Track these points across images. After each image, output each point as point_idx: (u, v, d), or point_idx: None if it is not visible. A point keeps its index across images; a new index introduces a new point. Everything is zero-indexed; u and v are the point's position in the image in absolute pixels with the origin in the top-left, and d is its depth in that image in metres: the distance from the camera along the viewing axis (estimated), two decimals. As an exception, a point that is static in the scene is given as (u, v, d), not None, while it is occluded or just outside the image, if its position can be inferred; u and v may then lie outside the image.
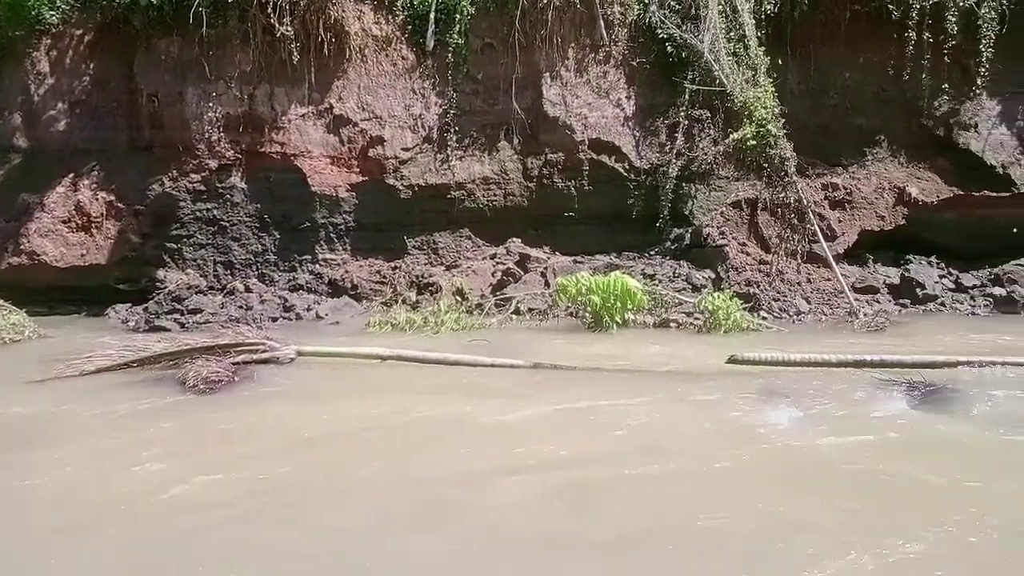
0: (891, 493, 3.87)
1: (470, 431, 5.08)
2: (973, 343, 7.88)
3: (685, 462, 4.35)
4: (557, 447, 4.62)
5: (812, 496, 3.84)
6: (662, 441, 4.72)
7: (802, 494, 3.87)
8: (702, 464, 4.31)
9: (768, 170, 10.61)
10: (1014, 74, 11.62)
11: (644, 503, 3.78)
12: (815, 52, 11.71)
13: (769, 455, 4.49)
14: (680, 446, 4.61)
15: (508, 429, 5.08)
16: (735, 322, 8.72)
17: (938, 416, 5.20)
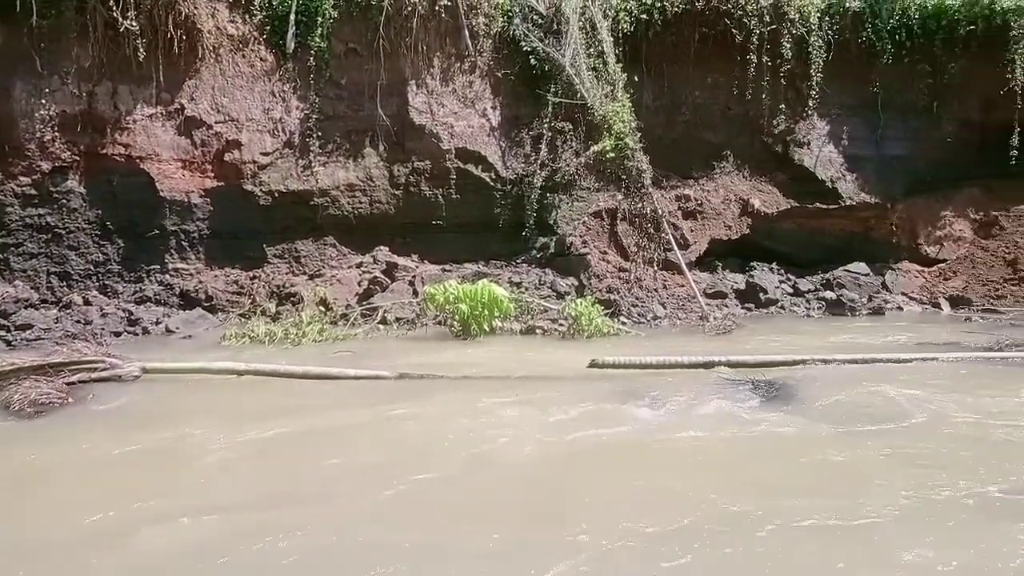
0: (734, 482, 4.13)
1: (314, 443, 4.90)
2: (808, 343, 8.58)
3: (536, 462, 4.43)
4: (398, 457, 4.57)
5: (671, 492, 4.02)
6: (515, 443, 4.77)
7: (659, 487, 4.04)
8: (555, 462, 4.41)
9: (626, 181, 11.11)
10: (840, 97, 12.85)
11: (470, 505, 3.81)
12: (668, 70, 12.40)
13: (627, 451, 4.66)
14: (534, 449, 4.68)
15: (345, 440, 4.95)
16: (597, 327, 9.01)
17: (778, 411, 5.61)
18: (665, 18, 11.71)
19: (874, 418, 5.37)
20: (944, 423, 5.24)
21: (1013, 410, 5.61)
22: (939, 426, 5.17)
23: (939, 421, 5.27)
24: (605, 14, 11.62)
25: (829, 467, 4.42)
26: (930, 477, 4.15)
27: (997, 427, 5.17)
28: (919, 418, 5.33)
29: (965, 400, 5.88)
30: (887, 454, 4.64)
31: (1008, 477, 4.10)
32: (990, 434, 5.03)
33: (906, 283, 12.53)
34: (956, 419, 5.35)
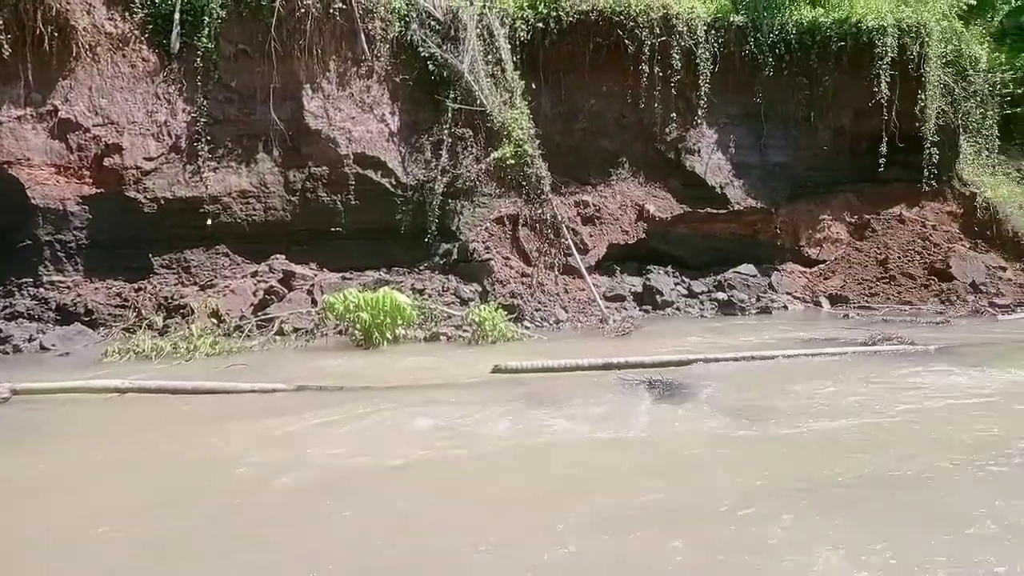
0: (635, 479, 4.23)
1: (182, 461, 4.67)
2: (702, 342, 8.94)
3: (437, 470, 4.39)
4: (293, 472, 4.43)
5: (579, 496, 4.07)
6: (413, 451, 4.72)
7: (567, 489, 4.08)
8: (456, 469, 4.38)
9: (527, 188, 11.25)
10: (727, 107, 13.49)
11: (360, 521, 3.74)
12: (565, 78, 12.65)
13: (529, 454, 4.69)
14: (431, 456, 4.64)
15: (226, 457, 4.75)
16: (501, 332, 9.05)
17: (673, 409, 5.79)
18: (561, 27, 11.96)
19: (764, 412, 5.64)
20: (824, 414, 5.57)
21: (886, 400, 6.03)
22: (820, 417, 5.48)
23: (819, 412, 5.59)
24: (502, 22, 11.74)
25: (720, 460, 4.60)
26: (807, 466, 4.38)
27: (870, 417, 5.53)
28: (804, 410, 5.64)
29: (845, 391, 6.28)
30: (775, 446, 4.88)
31: (863, 468, 4.38)
32: (865, 424, 5.38)
33: (790, 283, 13.28)
34: (835, 410, 5.69)
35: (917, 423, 5.36)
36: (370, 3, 11.12)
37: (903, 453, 4.60)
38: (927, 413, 5.65)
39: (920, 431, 5.14)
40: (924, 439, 4.93)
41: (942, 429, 5.18)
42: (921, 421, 5.42)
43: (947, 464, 4.35)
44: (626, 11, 12.10)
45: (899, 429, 5.20)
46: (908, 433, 5.10)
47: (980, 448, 4.63)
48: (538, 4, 12.02)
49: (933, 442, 4.84)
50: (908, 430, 5.18)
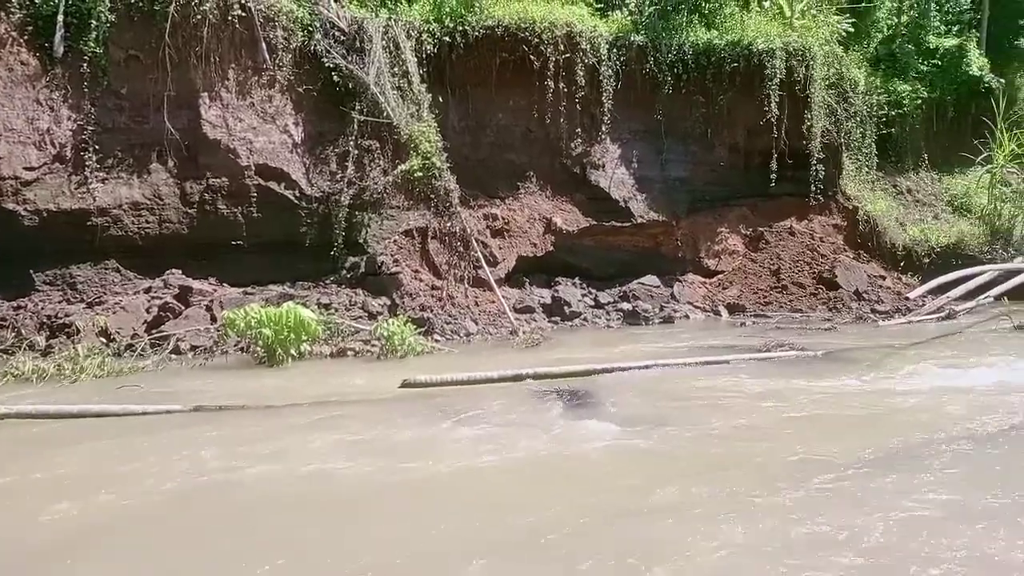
0: (544, 487, 4.27)
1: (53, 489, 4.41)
2: (609, 351, 9.13)
3: (341, 491, 4.29)
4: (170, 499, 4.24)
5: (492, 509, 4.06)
6: (318, 471, 4.60)
7: (475, 505, 4.06)
8: (361, 489, 4.30)
9: (435, 201, 11.21)
10: (629, 123, 13.91)
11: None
12: (472, 92, 12.73)
13: (435, 468, 4.64)
14: (338, 476, 4.53)
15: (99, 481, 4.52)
16: (410, 346, 8.95)
17: (580, 418, 5.89)
18: (467, 42, 12.03)
19: (668, 418, 5.81)
20: (722, 420, 5.79)
21: (779, 403, 6.33)
22: (719, 423, 5.70)
23: (719, 418, 5.81)
24: (408, 34, 11.70)
25: (629, 467, 4.71)
26: (709, 469, 4.55)
27: (763, 420, 5.80)
28: (703, 415, 5.85)
29: (742, 394, 6.56)
30: (681, 451, 5.03)
31: (757, 472, 4.60)
32: (759, 427, 5.63)
33: (691, 293, 13.77)
34: (726, 413, 5.94)
35: (807, 425, 5.66)
36: (271, 12, 10.85)
37: (799, 453, 4.84)
38: (815, 415, 5.97)
39: (809, 434, 5.43)
40: (812, 439, 5.21)
41: (828, 429, 5.49)
42: (808, 424, 5.73)
43: (835, 459, 4.61)
44: (531, 28, 12.31)
45: (790, 432, 5.48)
46: (800, 435, 5.38)
47: (865, 446, 4.93)
48: (444, 18, 12.05)
49: (821, 442, 5.12)
50: (800, 433, 5.46)
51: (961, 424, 5.46)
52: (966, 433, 5.22)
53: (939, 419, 5.65)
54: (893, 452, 4.82)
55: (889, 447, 4.92)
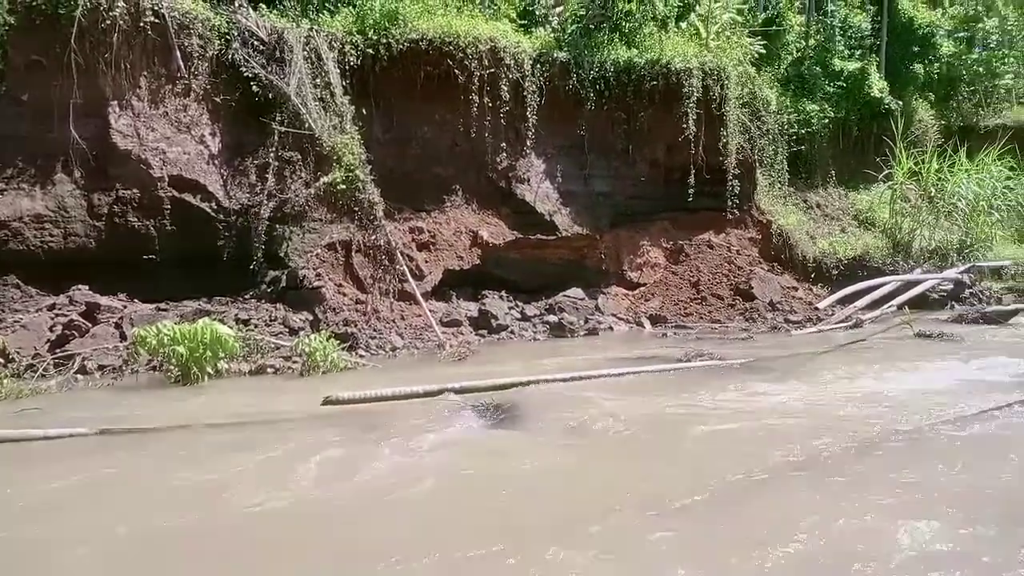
0: (467, 502, 4.24)
1: None
2: (535, 364, 9.18)
3: (255, 515, 4.16)
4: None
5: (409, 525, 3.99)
6: (232, 495, 4.45)
7: (398, 529, 4.00)
8: (277, 511, 4.17)
9: (359, 214, 11.05)
10: (554, 138, 14.11)
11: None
12: (397, 105, 12.65)
13: (357, 486, 4.55)
14: (252, 500, 4.39)
15: None
16: (333, 362, 8.77)
17: (504, 431, 5.89)
18: (391, 54, 11.97)
19: (590, 430, 5.88)
20: (642, 428, 5.90)
21: (700, 412, 6.50)
22: (639, 432, 5.81)
23: (638, 427, 5.92)
24: (331, 45, 11.55)
25: (548, 479, 4.73)
26: (633, 481, 4.62)
27: (686, 429, 5.94)
28: (625, 427, 5.94)
29: (663, 405, 6.70)
30: (604, 462, 5.09)
31: (677, 483, 4.72)
32: (680, 435, 5.76)
33: (615, 305, 14.02)
34: (651, 424, 6.06)
35: (725, 434, 5.83)
36: (186, 19, 10.52)
37: (710, 465, 4.98)
38: (733, 424, 6.16)
39: (721, 446, 5.60)
40: (732, 450, 5.37)
41: (751, 438, 5.67)
42: (728, 432, 5.90)
43: (762, 475, 4.75)
44: (455, 42, 12.35)
45: (705, 442, 5.63)
46: (719, 444, 5.53)
47: (790, 449, 5.11)
48: (368, 30, 11.96)
49: (744, 453, 5.28)
50: (719, 441, 5.62)
51: (863, 429, 5.73)
52: (871, 437, 5.49)
53: (847, 424, 5.92)
54: (815, 457, 5.02)
55: (809, 452, 5.12)
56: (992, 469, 4.78)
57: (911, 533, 3.72)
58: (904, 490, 4.34)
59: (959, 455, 5.06)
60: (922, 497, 4.23)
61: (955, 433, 5.61)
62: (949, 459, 4.94)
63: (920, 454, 5.10)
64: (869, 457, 5.02)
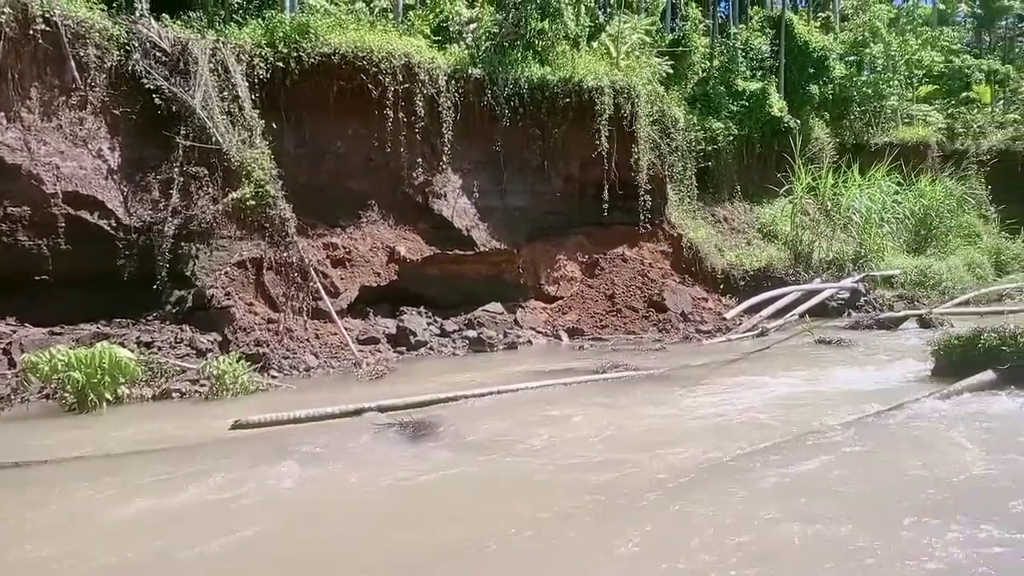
0: (386, 523, 4.16)
1: None
2: (455, 380, 9.14)
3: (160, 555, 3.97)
4: None
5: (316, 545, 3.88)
6: (132, 532, 4.23)
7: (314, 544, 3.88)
8: (187, 547, 3.99)
9: (270, 230, 10.74)
10: (470, 153, 14.14)
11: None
12: (310, 119, 12.39)
13: (272, 513, 4.40)
14: (152, 537, 4.19)
15: None
16: (244, 385, 8.48)
17: (425, 449, 5.83)
18: (303, 68, 11.73)
19: (505, 445, 5.89)
20: (559, 440, 5.96)
21: (614, 422, 6.62)
22: (557, 444, 5.86)
23: (556, 439, 5.98)
24: (239, 58, 11.24)
25: (469, 495, 4.71)
26: (537, 497, 4.66)
27: (598, 440, 6.04)
28: (544, 439, 5.99)
29: (577, 416, 6.79)
30: (521, 476, 5.10)
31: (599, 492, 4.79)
32: (598, 445, 5.85)
33: (533, 319, 14.13)
34: (563, 435, 6.13)
35: (643, 443, 5.95)
36: (81, 28, 10.01)
37: (621, 474, 5.07)
38: (651, 432, 6.30)
39: (629, 452, 5.72)
40: (635, 458, 5.49)
41: (668, 445, 5.81)
42: (647, 440, 6.03)
43: (665, 477, 4.87)
44: (368, 57, 12.23)
45: (621, 450, 5.74)
46: (635, 450, 5.64)
47: (696, 459, 5.26)
48: (278, 43, 11.69)
49: (657, 458, 5.41)
50: (635, 448, 5.73)
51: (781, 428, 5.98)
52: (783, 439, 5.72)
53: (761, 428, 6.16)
54: (716, 463, 5.18)
55: (708, 457, 5.28)
56: (883, 467, 5.07)
57: (803, 530, 3.89)
58: (799, 490, 4.54)
59: (854, 455, 5.34)
60: (811, 497, 4.44)
61: (850, 435, 5.91)
62: (844, 460, 5.21)
63: (816, 455, 5.35)
64: (768, 459, 5.23)
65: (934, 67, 27.53)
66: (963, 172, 23.19)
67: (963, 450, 5.41)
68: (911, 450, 5.45)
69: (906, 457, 5.27)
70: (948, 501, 4.35)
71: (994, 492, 4.54)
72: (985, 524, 3.94)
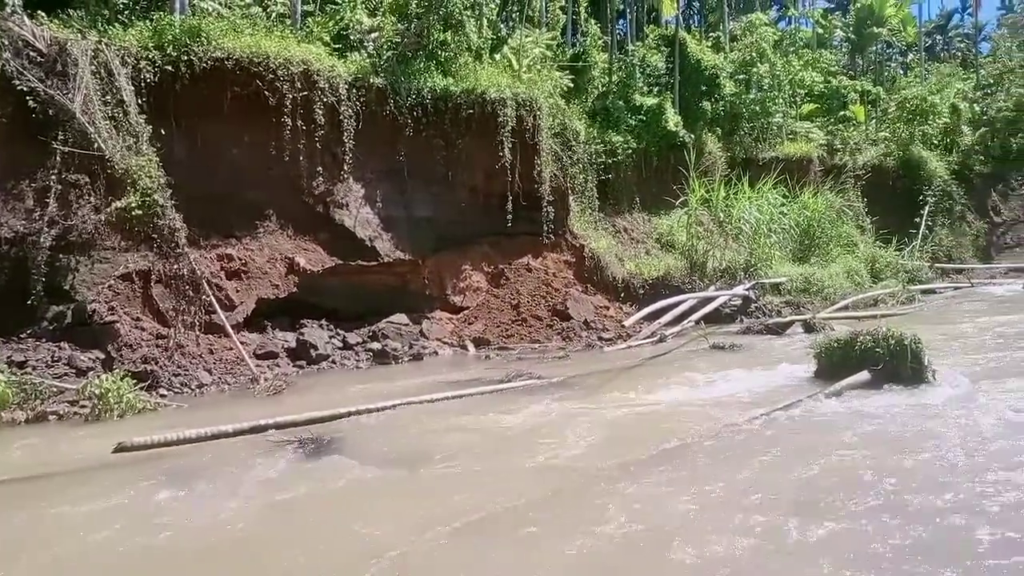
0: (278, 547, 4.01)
1: None
2: (358, 393, 8.95)
3: None
4: None
5: None
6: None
7: None
8: None
9: (159, 241, 10.21)
10: (373, 162, 13.94)
11: None
12: (203, 126, 11.87)
13: (158, 542, 4.17)
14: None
15: None
16: (130, 404, 8.03)
17: (324, 465, 5.67)
18: (194, 72, 11.25)
19: (411, 458, 5.82)
20: (465, 451, 5.95)
21: (524, 428, 6.67)
22: (458, 456, 5.84)
23: (457, 451, 5.96)
24: (124, 60, 10.66)
25: (369, 510, 4.62)
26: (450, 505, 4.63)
27: (506, 448, 6.06)
28: (446, 452, 5.95)
29: (487, 426, 6.79)
30: (423, 488, 5.05)
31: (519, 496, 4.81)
32: (504, 453, 5.87)
33: (439, 329, 14.05)
34: (470, 448, 6.12)
35: (544, 451, 6.02)
36: (-57, 23, 9.26)
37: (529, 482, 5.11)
38: (548, 439, 6.38)
39: (547, 457, 5.78)
40: (546, 463, 5.55)
41: (566, 449, 5.89)
42: (542, 446, 6.10)
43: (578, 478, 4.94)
44: (265, 63, 11.87)
45: (518, 457, 5.78)
46: (533, 459, 5.69)
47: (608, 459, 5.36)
48: (167, 46, 11.16)
49: (559, 465, 5.47)
50: (532, 456, 5.78)
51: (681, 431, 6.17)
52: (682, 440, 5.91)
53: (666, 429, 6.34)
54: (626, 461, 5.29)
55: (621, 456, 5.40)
56: (775, 466, 5.33)
57: (700, 528, 4.04)
58: (698, 489, 4.72)
59: (748, 454, 5.59)
60: (721, 493, 4.62)
61: (740, 436, 6.19)
62: (737, 459, 5.44)
63: (712, 456, 5.57)
64: (669, 460, 5.40)
65: (815, 87, 29.40)
66: (841, 186, 24.83)
67: (846, 446, 5.76)
68: (798, 446, 5.76)
69: (792, 453, 5.57)
70: (834, 488, 4.62)
71: (865, 483, 4.86)
72: (861, 504, 4.21)
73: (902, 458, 5.42)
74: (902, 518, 4.23)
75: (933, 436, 6.01)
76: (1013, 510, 4.37)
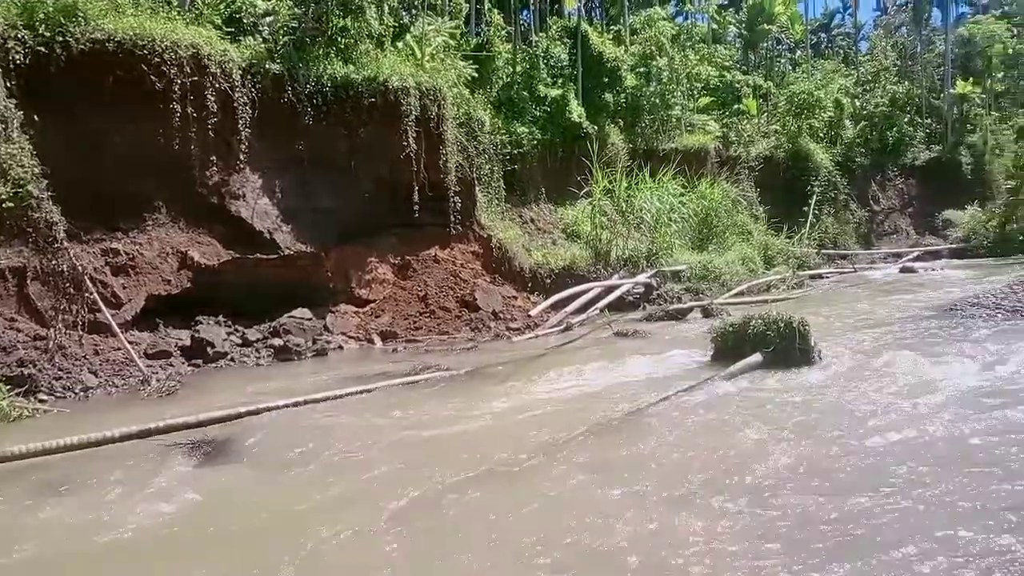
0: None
1: None
2: (258, 392, 8.64)
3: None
4: None
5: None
6: None
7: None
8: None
9: (34, 235, 9.51)
10: (271, 152, 13.45)
11: None
12: (83, 112, 11.09)
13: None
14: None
15: None
16: (2, 412, 7.45)
17: (215, 470, 5.44)
18: (71, 55, 10.50)
19: (309, 460, 5.66)
20: (361, 451, 5.84)
21: (419, 424, 6.61)
22: (359, 455, 5.74)
23: (358, 450, 5.86)
24: (-11, 40, 9.84)
25: (262, 516, 4.47)
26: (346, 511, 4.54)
27: (404, 446, 6.00)
28: (346, 450, 5.83)
29: (384, 423, 6.70)
30: (321, 491, 4.92)
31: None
32: (398, 454, 5.80)
33: (344, 323, 13.75)
34: (373, 445, 6.02)
35: (446, 441, 5.99)
36: None
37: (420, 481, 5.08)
38: (454, 430, 6.36)
39: (453, 449, 5.76)
40: (467, 456, 5.53)
41: (477, 440, 5.88)
42: (451, 437, 6.08)
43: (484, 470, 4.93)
44: (150, 46, 11.21)
45: (423, 452, 5.75)
46: (439, 451, 5.66)
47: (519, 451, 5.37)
48: (38, 25, 10.35)
49: (470, 455, 5.46)
50: (439, 449, 5.75)
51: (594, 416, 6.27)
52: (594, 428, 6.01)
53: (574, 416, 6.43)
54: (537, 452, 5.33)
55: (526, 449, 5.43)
56: (680, 444, 5.51)
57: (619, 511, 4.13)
58: (611, 469, 4.81)
59: (654, 434, 5.75)
60: (629, 475, 4.73)
61: (647, 418, 6.37)
62: (644, 439, 5.60)
63: (623, 436, 5.71)
64: (587, 441, 5.49)
65: (711, 80, 30.49)
66: (736, 176, 25.92)
67: (742, 426, 6.03)
68: (699, 427, 5.97)
69: (693, 433, 5.77)
70: (734, 465, 4.82)
71: (764, 456, 5.10)
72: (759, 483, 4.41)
73: (787, 432, 5.72)
74: (779, 495, 4.46)
75: (813, 410, 6.39)
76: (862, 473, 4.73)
